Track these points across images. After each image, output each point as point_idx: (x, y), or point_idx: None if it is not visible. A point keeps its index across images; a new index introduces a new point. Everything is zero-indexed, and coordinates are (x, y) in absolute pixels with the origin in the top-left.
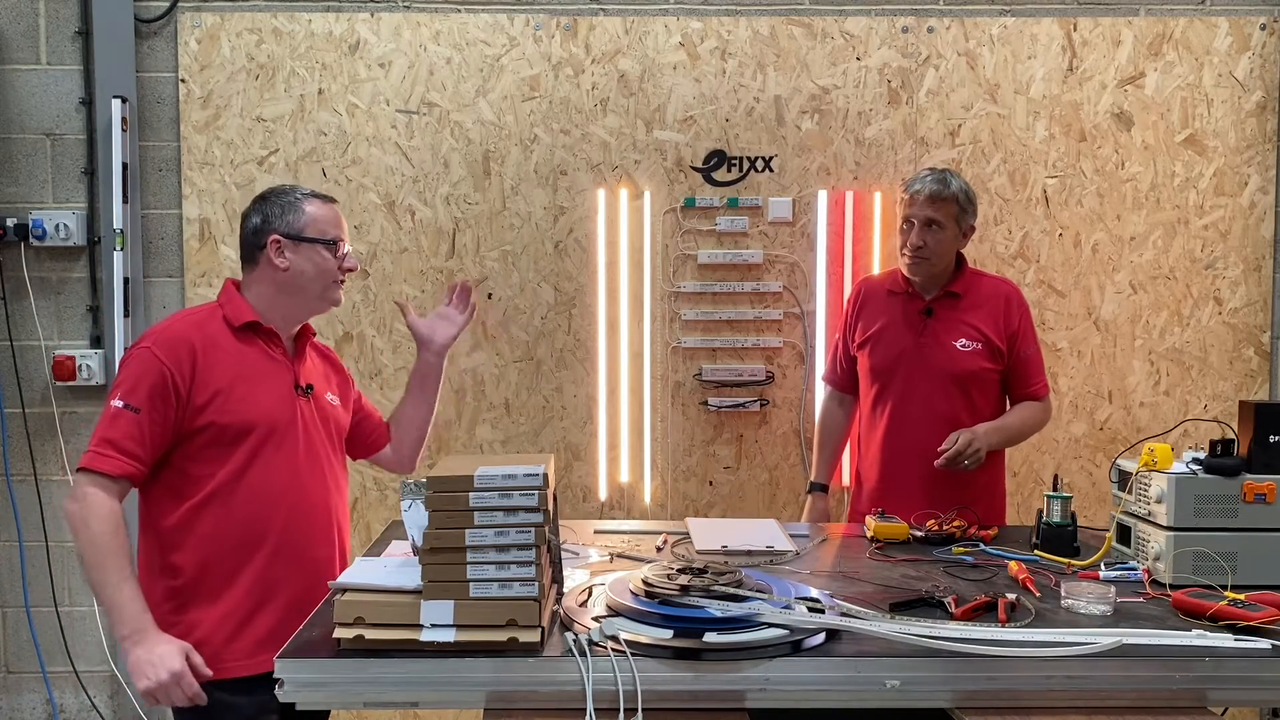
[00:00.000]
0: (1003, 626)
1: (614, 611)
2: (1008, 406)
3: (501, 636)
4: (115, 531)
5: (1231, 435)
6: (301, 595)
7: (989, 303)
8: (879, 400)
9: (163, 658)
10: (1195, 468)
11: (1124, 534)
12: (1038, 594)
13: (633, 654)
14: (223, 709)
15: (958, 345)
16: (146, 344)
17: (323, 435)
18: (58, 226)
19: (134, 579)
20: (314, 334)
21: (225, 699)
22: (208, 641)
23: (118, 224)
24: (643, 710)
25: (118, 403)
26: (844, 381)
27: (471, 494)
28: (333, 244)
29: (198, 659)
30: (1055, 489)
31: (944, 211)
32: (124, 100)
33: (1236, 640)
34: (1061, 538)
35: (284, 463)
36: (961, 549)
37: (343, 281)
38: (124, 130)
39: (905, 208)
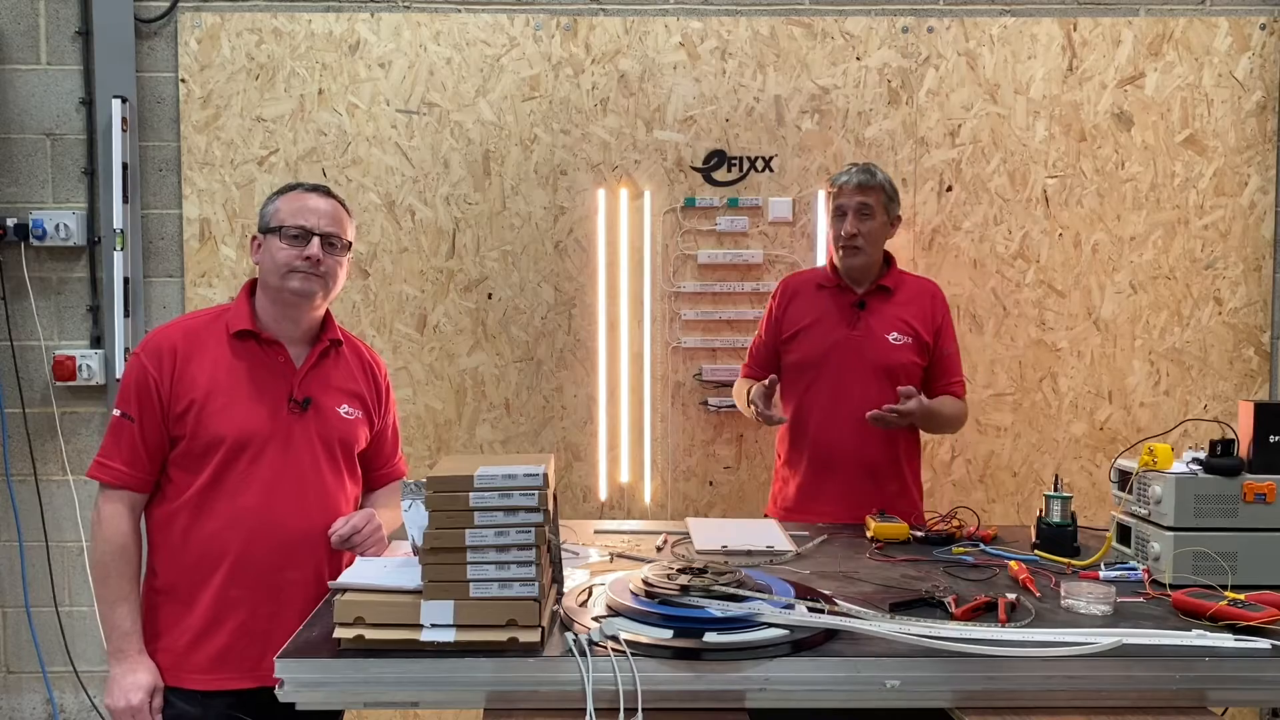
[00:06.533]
0: (1003, 626)
1: (614, 611)
2: None
3: (501, 636)
4: (119, 551)
5: (1231, 435)
6: (261, 618)
7: (917, 299)
8: (807, 393)
9: (130, 688)
10: (1195, 468)
11: (1124, 534)
12: (1038, 594)
13: (633, 654)
14: (177, 718)
15: (890, 338)
16: (138, 349)
17: (317, 450)
18: (58, 226)
19: (130, 599)
20: (339, 339)
21: (181, 708)
22: (170, 649)
23: (118, 224)
24: (643, 710)
25: (116, 411)
26: (764, 375)
27: (471, 494)
28: (290, 231)
29: (158, 702)
30: (1055, 489)
31: (873, 198)
32: (124, 100)
33: (1236, 640)
34: (1061, 538)
35: (256, 480)
36: (961, 549)
37: (303, 271)
38: (124, 130)
39: (834, 199)
